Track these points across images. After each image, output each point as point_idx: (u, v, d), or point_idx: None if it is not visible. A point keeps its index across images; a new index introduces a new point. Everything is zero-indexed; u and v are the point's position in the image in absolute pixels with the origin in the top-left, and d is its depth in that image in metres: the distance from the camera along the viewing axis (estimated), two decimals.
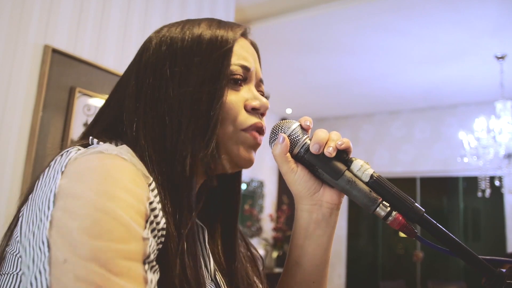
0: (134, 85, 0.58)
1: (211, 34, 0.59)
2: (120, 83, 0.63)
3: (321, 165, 0.61)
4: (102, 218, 0.42)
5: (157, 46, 0.59)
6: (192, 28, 0.60)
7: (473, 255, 0.56)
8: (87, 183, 0.44)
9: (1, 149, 1.97)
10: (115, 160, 0.48)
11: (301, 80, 5.23)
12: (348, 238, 6.42)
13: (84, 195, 0.43)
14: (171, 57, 0.58)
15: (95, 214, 0.42)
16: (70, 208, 0.43)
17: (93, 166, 0.46)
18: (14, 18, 2.04)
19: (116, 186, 0.44)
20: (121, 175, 0.46)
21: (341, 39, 4.03)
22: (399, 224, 0.57)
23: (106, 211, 0.42)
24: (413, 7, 3.40)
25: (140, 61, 0.60)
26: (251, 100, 0.61)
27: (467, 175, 5.68)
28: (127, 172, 0.47)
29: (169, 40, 0.59)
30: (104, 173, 0.45)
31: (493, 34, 3.75)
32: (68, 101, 2.24)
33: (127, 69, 0.63)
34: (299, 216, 0.67)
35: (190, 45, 0.58)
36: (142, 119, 0.56)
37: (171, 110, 0.56)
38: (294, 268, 0.68)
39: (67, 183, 0.45)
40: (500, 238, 5.34)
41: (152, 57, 0.59)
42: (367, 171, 0.60)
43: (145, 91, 0.57)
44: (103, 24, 2.47)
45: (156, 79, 0.57)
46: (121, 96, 0.61)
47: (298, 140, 0.63)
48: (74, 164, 0.47)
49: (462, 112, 5.71)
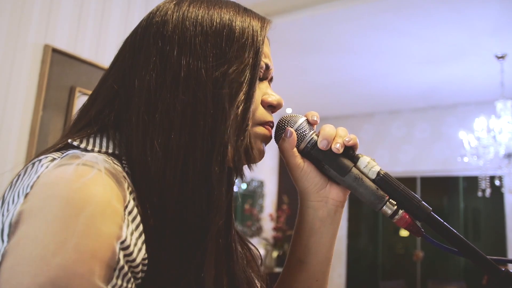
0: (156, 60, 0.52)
1: (242, 23, 0.56)
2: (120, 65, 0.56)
3: (328, 161, 0.60)
4: (60, 276, 0.36)
5: (180, 21, 0.53)
6: (220, 10, 0.56)
7: (480, 254, 0.55)
8: (46, 225, 0.38)
9: (2, 148, 1.97)
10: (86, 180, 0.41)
11: (301, 80, 5.23)
12: (349, 237, 6.41)
13: (42, 240, 0.37)
14: (202, 36, 0.53)
15: (51, 272, 0.36)
16: (23, 256, 0.37)
17: (57, 196, 0.40)
18: (14, 18, 2.04)
19: (79, 231, 0.38)
20: (89, 207, 0.39)
21: (341, 39, 4.02)
22: (405, 223, 0.57)
23: (64, 267, 0.37)
24: (413, 7, 3.39)
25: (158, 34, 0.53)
26: (268, 96, 0.60)
27: (467, 175, 5.68)
28: (97, 200, 0.40)
29: (195, 18, 0.54)
30: (69, 206, 0.39)
31: (493, 34, 3.74)
32: (68, 100, 2.23)
33: (129, 43, 0.57)
34: (304, 213, 0.66)
35: (220, 29, 0.54)
36: (164, 100, 0.50)
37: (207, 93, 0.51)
38: (297, 266, 0.67)
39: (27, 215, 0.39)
40: (500, 238, 5.33)
41: (177, 32, 0.53)
42: (374, 168, 0.59)
43: (171, 69, 0.51)
44: (103, 23, 2.47)
45: (185, 58, 0.51)
46: (121, 78, 0.54)
47: (305, 135, 0.62)
48: (39, 185, 0.41)
49: (462, 111, 5.70)
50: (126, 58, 0.55)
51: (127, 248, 0.42)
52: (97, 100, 0.55)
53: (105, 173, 0.43)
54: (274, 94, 0.61)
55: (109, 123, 0.53)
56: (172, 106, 0.50)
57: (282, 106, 0.62)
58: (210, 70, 0.52)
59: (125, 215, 0.43)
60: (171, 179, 0.48)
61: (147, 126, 0.50)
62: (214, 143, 0.50)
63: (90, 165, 0.43)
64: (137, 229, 0.44)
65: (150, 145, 0.49)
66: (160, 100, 0.50)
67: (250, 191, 6.15)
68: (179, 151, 0.49)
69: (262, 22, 0.58)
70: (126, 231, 0.42)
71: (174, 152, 0.49)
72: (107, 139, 0.52)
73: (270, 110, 0.61)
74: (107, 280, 0.39)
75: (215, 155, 0.50)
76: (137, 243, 0.43)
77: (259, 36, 0.56)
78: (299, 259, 0.67)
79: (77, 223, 0.38)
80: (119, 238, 0.41)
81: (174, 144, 0.49)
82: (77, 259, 0.37)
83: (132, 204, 0.45)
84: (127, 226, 0.43)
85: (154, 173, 0.48)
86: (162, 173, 0.48)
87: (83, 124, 0.54)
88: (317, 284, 0.67)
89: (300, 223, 0.67)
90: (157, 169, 0.48)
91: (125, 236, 0.42)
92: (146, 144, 0.49)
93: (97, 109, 0.54)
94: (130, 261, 0.42)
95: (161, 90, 0.50)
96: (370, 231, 6.66)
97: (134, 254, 0.42)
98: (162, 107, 0.50)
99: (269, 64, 0.60)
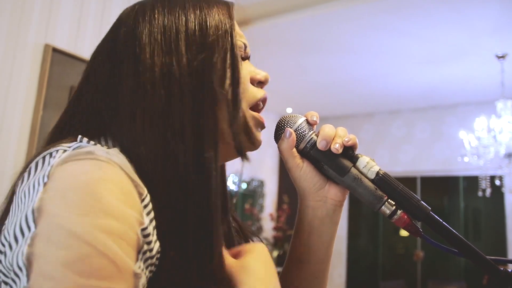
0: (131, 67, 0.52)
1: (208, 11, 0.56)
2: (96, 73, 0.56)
3: (327, 161, 0.61)
4: (89, 253, 0.37)
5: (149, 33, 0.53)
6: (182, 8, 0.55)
7: (479, 254, 0.55)
8: (73, 207, 0.39)
9: (2, 148, 1.97)
10: (104, 170, 0.42)
11: (301, 80, 5.23)
12: (349, 237, 6.42)
13: (70, 222, 0.38)
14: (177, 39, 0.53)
15: (81, 248, 0.37)
16: (53, 236, 0.38)
17: (79, 182, 0.41)
18: (15, 17, 2.04)
19: (105, 212, 0.39)
20: (111, 195, 0.40)
21: (341, 38, 4.02)
22: (404, 223, 0.57)
23: (94, 244, 0.38)
24: (413, 7, 3.39)
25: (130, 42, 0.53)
26: (255, 74, 0.61)
27: (468, 175, 5.68)
28: (119, 187, 0.42)
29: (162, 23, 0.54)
30: (92, 193, 0.40)
31: (493, 34, 3.74)
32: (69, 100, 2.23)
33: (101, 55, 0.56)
34: (303, 213, 0.67)
35: (191, 24, 0.54)
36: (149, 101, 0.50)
37: (194, 83, 0.51)
38: (296, 265, 0.68)
39: (49, 201, 0.40)
40: (500, 238, 5.33)
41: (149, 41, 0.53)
42: (373, 168, 0.59)
43: (143, 69, 0.51)
44: (104, 23, 2.47)
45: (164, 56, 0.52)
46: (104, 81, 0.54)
47: (304, 135, 0.62)
48: (58, 174, 0.42)
49: (462, 111, 5.70)
50: (101, 70, 0.55)
51: (148, 236, 0.43)
52: (77, 116, 0.55)
53: (120, 167, 0.44)
54: (259, 71, 0.62)
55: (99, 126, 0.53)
56: (161, 102, 0.50)
57: (269, 80, 0.63)
58: (192, 62, 0.52)
59: (142, 207, 0.44)
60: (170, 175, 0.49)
61: (142, 124, 0.50)
62: (205, 131, 0.51)
63: (104, 160, 0.44)
64: (151, 222, 0.45)
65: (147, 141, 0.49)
66: (148, 96, 0.50)
67: (250, 190, 6.16)
68: (176, 144, 0.49)
69: (226, 6, 0.59)
70: (146, 220, 0.44)
71: (170, 146, 0.49)
72: (104, 138, 0.52)
73: (260, 86, 0.62)
74: (134, 260, 0.40)
75: (206, 144, 0.50)
76: (154, 234, 0.45)
77: (228, 19, 0.57)
78: (299, 258, 0.68)
79: (103, 207, 0.39)
80: (141, 224, 0.42)
81: (170, 139, 0.49)
82: (107, 239, 0.38)
83: (148, 198, 0.46)
84: (146, 215, 0.44)
85: (154, 167, 0.48)
86: (161, 167, 0.49)
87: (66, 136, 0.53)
88: (317, 282, 0.68)
89: (300, 222, 0.67)
90: (155, 165, 0.49)
91: (146, 224, 0.43)
92: (143, 142, 0.49)
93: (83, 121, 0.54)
94: (149, 250, 0.43)
95: (144, 94, 0.50)
96: (370, 231, 6.67)
97: (152, 244, 0.44)
98: (150, 105, 0.50)
99: (246, 43, 0.61)
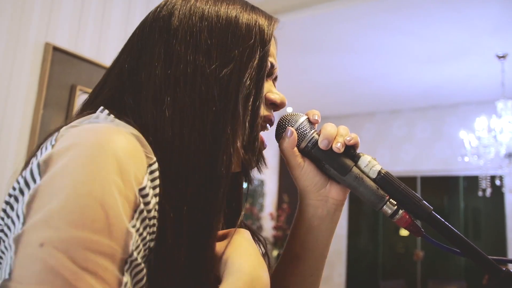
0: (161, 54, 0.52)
1: (249, 21, 0.55)
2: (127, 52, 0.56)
3: (328, 160, 0.60)
4: (87, 204, 0.38)
5: (186, 15, 0.54)
6: (227, 6, 0.55)
7: (481, 254, 0.55)
8: (77, 158, 0.40)
9: (2, 147, 1.97)
10: (112, 129, 0.43)
11: (302, 79, 5.23)
12: (349, 237, 6.41)
13: (72, 172, 0.39)
14: (208, 31, 0.53)
15: (80, 199, 0.38)
16: (55, 185, 0.39)
17: (86, 136, 0.42)
18: (15, 16, 2.03)
19: (107, 165, 0.40)
20: (115, 150, 0.41)
21: (342, 38, 4.02)
22: (405, 223, 0.57)
23: (92, 195, 0.38)
24: (414, 7, 3.39)
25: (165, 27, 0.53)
26: (271, 94, 0.60)
27: (468, 175, 5.68)
28: (124, 145, 0.42)
29: (201, 13, 0.54)
30: (97, 146, 0.40)
31: (494, 33, 3.74)
32: (69, 99, 2.23)
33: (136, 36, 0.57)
34: (303, 211, 0.66)
35: (226, 24, 0.54)
36: (174, 96, 0.50)
37: (214, 91, 0.51)
38: (292, 261, 0.68)
39: (56, 153, 0.41)
40: (500, 238, 5.33)
41: (183, 26, 0.53)
42: (375, 167, 0.59)
43: (177, 64, 0.51)
44: (104, 22, 2.47)
45: (191, 54, 0.51)
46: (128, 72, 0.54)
47: (306, 134, 0.61)
48: (66, 135, 0.43)
49: (463, 111, 5.70)
50: (133, 50, 0.56)
51: (146, 196, 0.43)
52: (104, 90, 0.55)
53: (132, 132, 0.45)
54: (278, 93, 0.61)
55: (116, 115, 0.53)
56: (181, 102, 0.50)
57: (285, 106, 0.62)
58: (216, 69, 0.52)
59: (147, 170, 0.44)
60: (182, 179, 0.49)
61: (157, 120, 0.50)
62: (221, 142, 0.50)
63: (115, 124, 0.45)
64: (155, 189, 0.46)
65: (163, 137, 0.49)
66: (167, 95, 0.51)
67: (250, 190, 6.15)
68: (189, 146, 0.49)
69: (269, 20, 0.58)
70: (146, 181, 0.44)
71: (185, 146, 0.49)
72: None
73: (272, 107, 0.61)
74: (129, 218, 0.41)
75: (221, 156, 0.50)
76: (153, 199, 0.45)
77: (266, 36, 0.56)
78: (295, 254, 0.68)
79: (105, 160, 0.40)
80: (140, 184, 0.42)
81: (186, 139, 0.49)
82: (106, 191, 0.39)
83: (156, 166, 0.46)
84: (148, 179, 0.44)
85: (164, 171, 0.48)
86: (174, 173, 0.49)
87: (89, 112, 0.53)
88: (311, 279, 0.68)
89: (299, 220, 0.67)
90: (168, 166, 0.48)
91: (145, 184, 0.43)
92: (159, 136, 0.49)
93: (103, 102, 0.53)
94: (147, 210, 0.43)
95: (168, 85, 0.51)
96: (370, 230, 6.66)
97: (150, 205, 0.44)
98: (170, 103, 0.50)
99: (274, 63, 0.60)
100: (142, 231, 0.43)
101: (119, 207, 0.39)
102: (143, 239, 0.43)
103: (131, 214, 0.41)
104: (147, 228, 0.43)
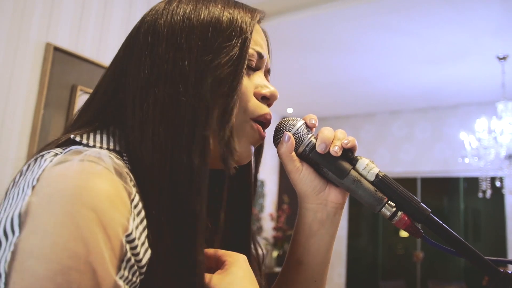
0: (146, 56, 0.53)
1: (230, 14, 0.56)
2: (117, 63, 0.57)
3: (326, 164, 0.60)
4: (71, 266, 0.37)
5: (169, 18, 0.55)
6: (209, 4, 0.56)
7: (478, 256, 0.55)
8: (56, 216, 0.38)
9: (3, 147, 1.97)
10: (93, 172, 0.42)
11: (302, 79, 5.23)
12: (349, 238, 6.42)
13: (53, 232, 0.38)
14: (189, 30, 0.54)
15: (64, 261, 0.37)
16: (35, 246, 0.37)
17: (66, 185, 0.40)
18: (16, 16, 2.04)
19: (89, 221, 0.39)
20: (97, 201, 0.40)
21: (342, 38, 4.02)
22: (404, 224, 0.57)
23: (77, 257, 0.37)
24: (415, 7, 3.39)
25: (150, 30, 0.55)
26: (261, 88, 0.59)
27: (468, 176, 5.68)
28: (106, 192, 0.41)
29: (183, 13, 0.55)
30: (78, 198, 0.39)
31: (495, 35, 3.74)
32: (70, 99, 2.24)
33: (126, 44, 0.58)
34: (303, 215, 0.66)
35: (207, 22, 0.54)
36: (153, 94, 0.51)
37: (188, 85, 0.51)
38: (295, 267, 0.68)
39: (35, 204, 0.39)
40: (500, 239, 5.33)
41: (165, 28, 0.54)
42: (373, 170, 0.59)
43: (158, 64, 0.52)
44: (105, 22, 2.47)
45: (171, 52, 0.52)
46: (118, 75, 0.55)
47: (303, 138, 0.62)
48: (46, 178, 0.41)
49: (463, 112, 5.70)
50: (121, 57, 0.57)
51: (133, 241, 0.42)
52: (96, 98, 0.56)
53: (109, 169, 0.43)
54: (268, 86, 0.60)
55: (108, 119, 0.54)
56: (161, 99, 0.51)
57: (277, 98, 0.61)
58: (193, 62, 0.52)
59: (132, 209, 0.44)
60: (161, 172, 0.49)
61: (141, 122, 0.51)
62: (195, 135, 0.50)
63: (94, 161, 0.43)
64: (142, 223, 0.45)
65: (144, 139, 0.50)
66: (149, 95, 0.51)
67: None
68: (166, 144, 0.49)
69: (251, 13, 0.58)
70: (132, 225, 0.43)
71: (162, 145, 0.49)
72: (107, 135, 0.53)
73: (265, 102, 0.60)
74: (117, 270, 0.40)
75: (194, 147, 0.50)
76: (141, 237, 0.44)
77: (248, 26, 0.56)
78: (298, 260, 0.67)
79: (86, 214, 0.39)
80: (126, 230, 0.42)
81: (162, 137, 0.50)
82: (90, 249, 0.38)
83: (137, 198, 0.45)
84: (133, 220, 0.43)
85: (148, 166, 0.49)
86: (153, 165, 0.49)
87: (83, 120, 0.55)
88: (315, 285, 0.68)
89: (299, 224, 0.67)
90: (150, 162, 0.49)
91: (131, 230, 0.42)
92: (141, 139, 0.50)
93: (97, 106, 0.55)
94: (135, 254, 0.43)
95: (150, 85, 0.52)
96: (370, 231, 6.67)
97: (138, 248, 0.43)
98: (151, 102, 0.51)
99: (262, 52, 0.59)
100: (131, 278, 0.42)
101: (106, 261, 0.39)
102: (132, 283, 0.43)
103: (118, 265, 0.40)
104: (136, 273, 0.43)
